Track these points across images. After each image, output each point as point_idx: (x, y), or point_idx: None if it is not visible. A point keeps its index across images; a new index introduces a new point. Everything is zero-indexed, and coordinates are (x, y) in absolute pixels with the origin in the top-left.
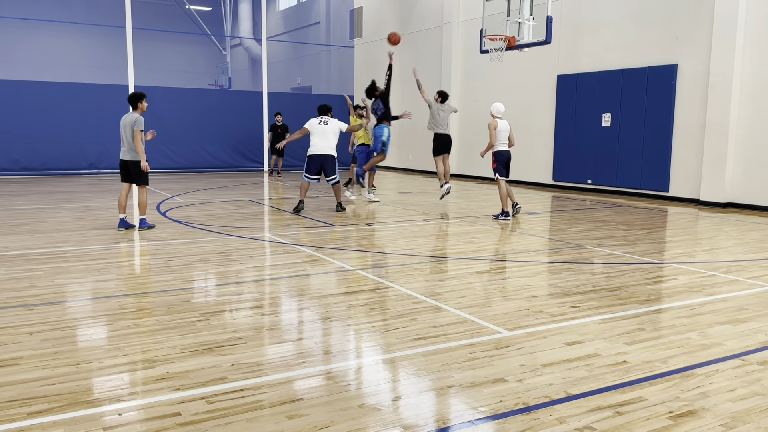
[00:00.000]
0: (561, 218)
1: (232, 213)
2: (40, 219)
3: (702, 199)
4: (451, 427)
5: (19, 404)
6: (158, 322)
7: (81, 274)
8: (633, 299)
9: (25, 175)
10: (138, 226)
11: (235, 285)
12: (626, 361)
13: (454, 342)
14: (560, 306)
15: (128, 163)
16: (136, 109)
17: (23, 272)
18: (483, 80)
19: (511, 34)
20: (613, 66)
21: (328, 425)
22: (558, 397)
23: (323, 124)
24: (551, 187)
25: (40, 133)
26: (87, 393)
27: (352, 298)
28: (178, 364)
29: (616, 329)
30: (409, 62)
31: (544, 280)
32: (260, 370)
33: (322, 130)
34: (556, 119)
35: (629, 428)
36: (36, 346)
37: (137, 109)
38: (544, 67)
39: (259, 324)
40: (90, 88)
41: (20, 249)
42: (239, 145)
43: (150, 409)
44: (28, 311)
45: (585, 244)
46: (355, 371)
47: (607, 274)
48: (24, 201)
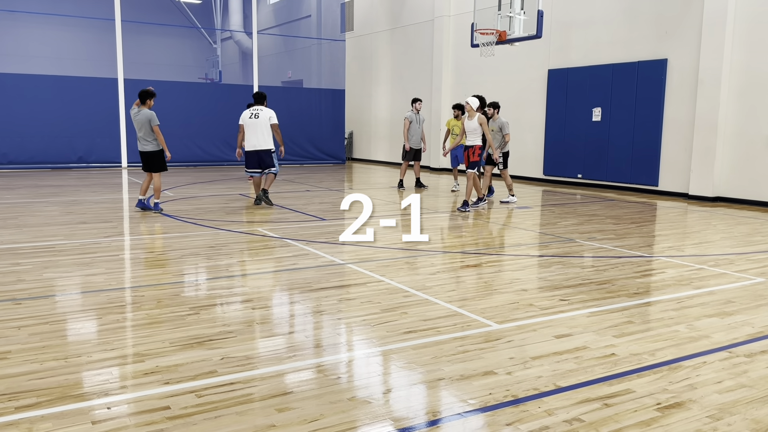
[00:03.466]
0: (551, 212)
1: (223, 207)
2: (29, 213)
3: (691, 193)
4: (442, 419)
5: (6, 398)
6: (147, 316)
7: (69, 268)
8: (622, 292)
9: (13, 169)
10: (153, 208)
11: (225, 279)
12: (615, 354)
13: (444, 335)
14: (550, 299)
15: (147, 153)
16: (144, 104)
17: (11, 266)
18: (474, 75)
19: (502, 28)
20: (603, 60)
21: (318, 418)
22: (547, 389)
23: (254, 117)
24: (542, 181)
25: (28, 126)
26: (75, 387)
27: (342, 291)
28: (167, 358)
29: (604, 322)
30: (400, 56)
31: (534, 273)
32: (250, 364)
33: (253, 124)
34: (546, 114)
35: (617, 420)
36: (24, 340)
37: (145, 105)
38: (535, 61)
39: (249, 318)
40: (78, 81)
41: (8, 243)
42: (230, 138)
43: (139, 402)
44: (16, 305)
45: (575, 238)
46: (346, 364)
47: (596, 268)
48: (12, 195)
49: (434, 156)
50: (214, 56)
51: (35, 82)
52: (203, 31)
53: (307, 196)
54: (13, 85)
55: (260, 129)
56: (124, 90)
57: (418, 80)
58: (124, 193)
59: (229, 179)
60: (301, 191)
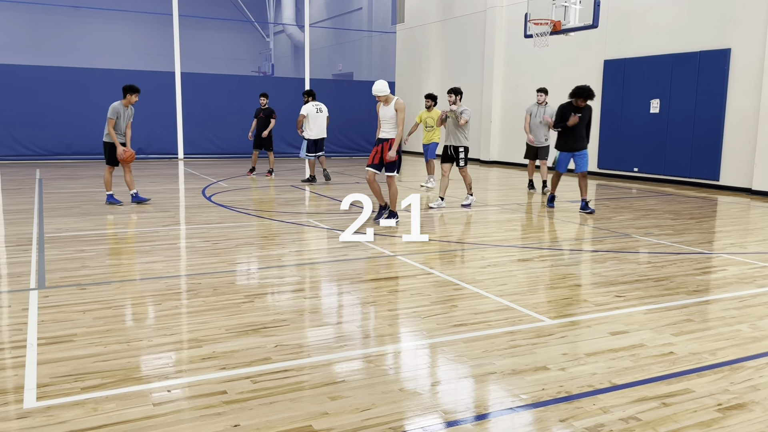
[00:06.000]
0: (606, 207)
1: (275, 198)
2: (92, 202)
3: (754, 188)
4: (493, 413)
5: (73, 379)
6: (204, 303)
7: (130, 256)
8: (681, 290)
9: (77, 160)
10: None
11: (277, 268)
12: (673, 352)
13: (495, 329)
14: (605, 295)
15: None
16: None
17: (76, 253)
18: (526, 66)
19: (557, 17)
20: (662, 51)
21: (370, 407)
22: (602, 386)
23: (318, 111)
24: (596, 174)
25: (91, 119)
26: (137, 370)
27: (392, 283)
28: (223, 344)
29: (662, 320)
30: (451, 48)
31: (588, 269)
32: (303, 352)
33: (318, 117)
34: (602, 106)
35: (676, 420)
36: (89, 323)
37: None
38: (590, 51)
39: (301, 307)
40: (138, 74)
41: (73, 230)
42: (281, 131)
43: (197, 386)
44: (81, 290)
45: (631, 233)
46: (396, 356)
47: (653, 264)
48: (76, 184)
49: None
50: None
51: (98, 76)
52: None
53: (357, 188)
54: (77, 79)
55: (322, 121)
56: (181, 83)
57: (469, 72)
58: (180, 183)
59: (280, 170)
60: (350, 183)
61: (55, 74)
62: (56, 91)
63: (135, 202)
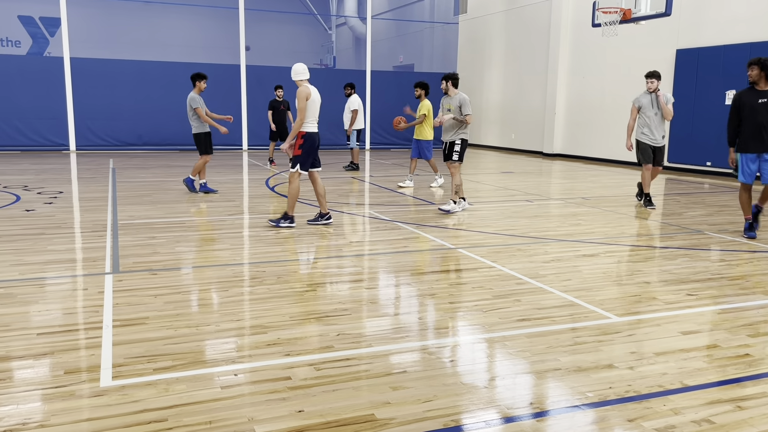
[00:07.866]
0: (676, 202)
1: (335, 189)
2: (162, 191)
3: None
4: (558, 410)
5: (146, 360)
6: (269, 290)
7: (198, 243)
8: (757, 289)
9: (148, 150)
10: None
11: (337, 258)
12: (749, 354)
13: (559, 325)
14: (675, 293)
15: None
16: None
17: (147, 239)
18: (593, 56)
19: (627, 6)
20: (739, 39)
21: (431, 399)
22: (673, 387)
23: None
24: (666, 168)
25: (161, 110)
26: (205, 353)
27: (452, 276)
28: (287, 331)
29: (738, 320)
30: (515, 38)
31: (658, 265)
32: (364, 342)
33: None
34: (673, 97)
35: (752, 424)
36: (160, 308)
37: (195, 87)
38: (662, 41)
39: (362, 297)
40: (206, 67)
41: (144, 218)
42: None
43: (262, 372)
44: (153, 275)
45: (703, 230)
46: (457, 349)
47: (727, 262)
48: (146, 174)
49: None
50: (329, 42)
51: (168, 69)
52: (319, 18)
53: (416, 180)
54: (148, 71)
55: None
56: (246, 76)
57: (533, 63)
58: (244, 174)
59: (339, 162)
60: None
61: (127, 68)
62: (129, 84)
63: (203, 192)
